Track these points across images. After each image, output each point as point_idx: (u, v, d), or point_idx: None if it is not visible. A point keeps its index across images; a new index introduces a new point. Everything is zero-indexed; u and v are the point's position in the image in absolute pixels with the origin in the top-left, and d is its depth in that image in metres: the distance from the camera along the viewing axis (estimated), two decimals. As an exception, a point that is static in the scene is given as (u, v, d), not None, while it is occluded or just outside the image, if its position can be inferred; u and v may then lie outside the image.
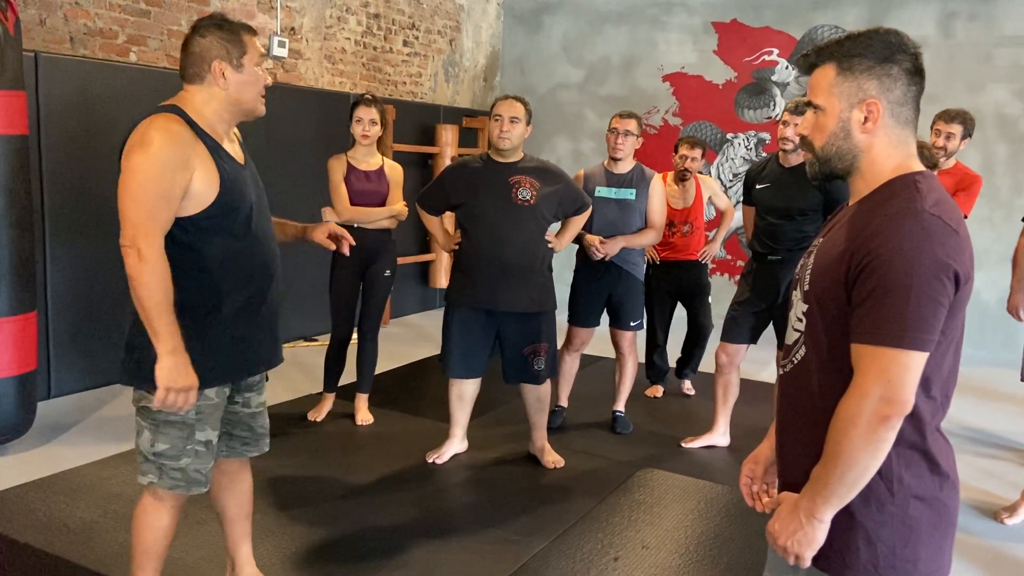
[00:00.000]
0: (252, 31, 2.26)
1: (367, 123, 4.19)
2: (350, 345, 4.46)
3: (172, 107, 2.17)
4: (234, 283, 2.23)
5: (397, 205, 4.33)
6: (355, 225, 4.24)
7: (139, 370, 2.19)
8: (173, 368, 2.09)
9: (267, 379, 2.59)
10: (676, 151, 4.95)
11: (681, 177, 4.92)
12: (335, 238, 2.62)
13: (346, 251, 2.63)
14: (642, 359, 5.42)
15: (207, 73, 2.19)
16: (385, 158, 4.40)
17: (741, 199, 4.39)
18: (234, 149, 2.29)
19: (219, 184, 2.15)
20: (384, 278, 4.39)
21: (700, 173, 5.04)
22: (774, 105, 7.40)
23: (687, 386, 5.35)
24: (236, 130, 2.38)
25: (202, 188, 2.13)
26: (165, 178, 2.06)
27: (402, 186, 4.39)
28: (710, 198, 5.10)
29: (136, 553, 2.36)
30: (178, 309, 2.13)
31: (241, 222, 2.22)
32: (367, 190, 4.25)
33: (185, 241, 2.15)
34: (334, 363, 4.47)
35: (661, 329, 5.19)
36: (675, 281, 5.03)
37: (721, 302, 5.25)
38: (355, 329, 4.43)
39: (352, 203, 4.21)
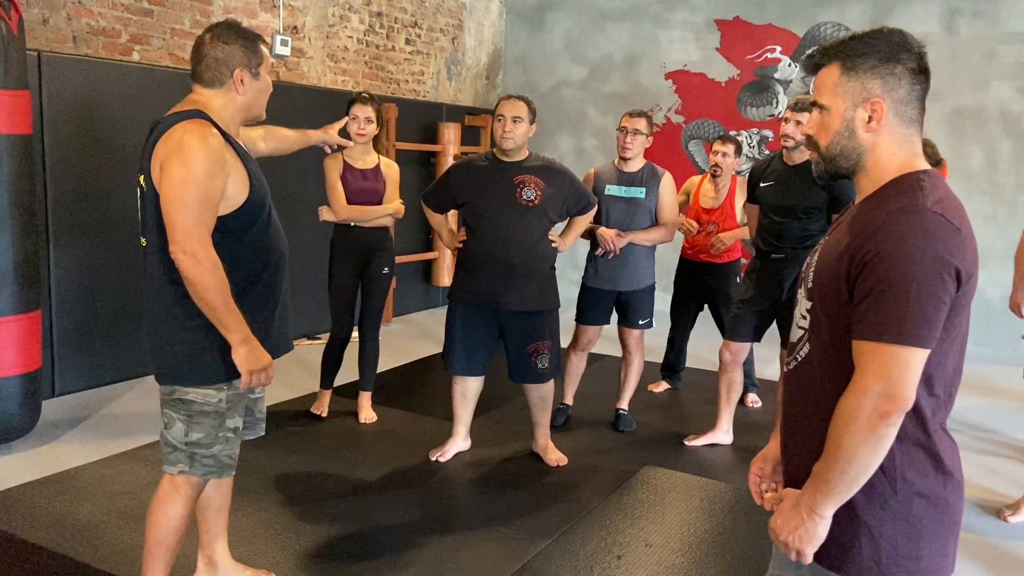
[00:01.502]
0: (263, 39, 2.40)
1: (363, 121, 4.16)
2: (349, 343, 4.46)
3: (197, 112, 2.26)
4: (261, 273, 2.36)
5: (394, 203, 4.32)
6: (353, 224, 4.24)
7: (178, 365, 2.30)
8: (249, 353, 2.25)
9: None
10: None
11: (712, 174, 4.87)
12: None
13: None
14: (658, 358, 5.42)
15: (228, 79, 2.31)
16: (381, 156, 4.39)
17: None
18: (247, 148, 2.45)
19: (249, 184, 2.28)
20: (383, 276, 4.38)
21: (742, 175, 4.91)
22: (777, 103, 7.39)
23: (752, 399, 5.04)
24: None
25: (236, 190, 2.25)
26: (207, 183, 2.17)
27: (399, 184, 4.38)
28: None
29: (149, 543, 2.42)
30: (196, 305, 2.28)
31: (265, 215, 2.35)
32: (364, 188, 4.24)
33: (220, 239, 2.24)
34: (332, 361, 4.46)
35: (681, 329, 5.14)
36: (698, 282, 4.94)
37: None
38: (352, 329, 4.43)
39: (349, 202, 4.20)
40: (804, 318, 1.58)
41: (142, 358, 4.93)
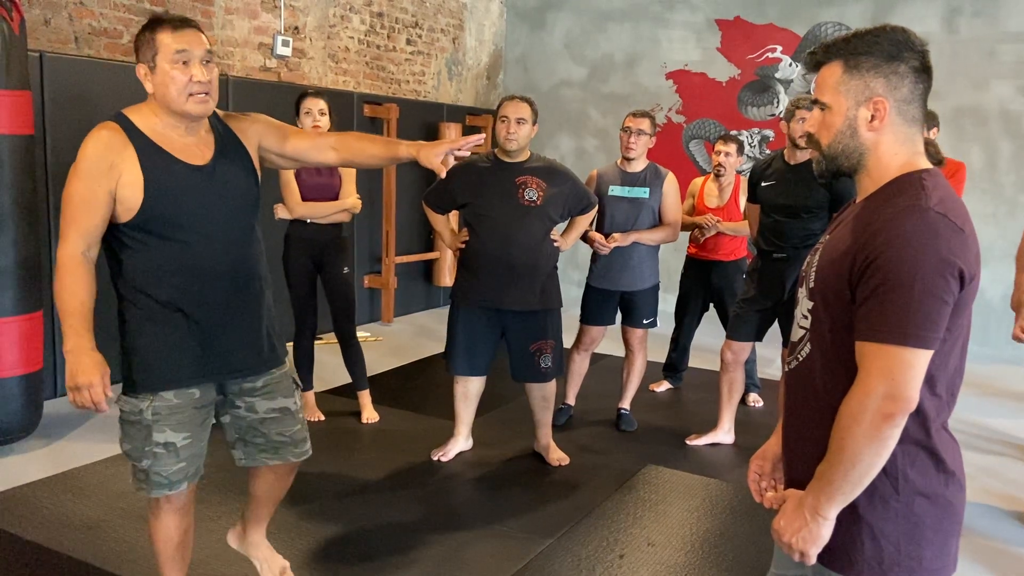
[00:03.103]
0: (176, 25, 2.13)
1: (316, 114, 4.09)
2: (321, 347, 4.39)
3: (115, 114, 2.19)
4: (175, 285, 2.19)
5: (350, 199, 4.26)
6: (308, 220, 4.19)
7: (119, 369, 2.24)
8: (69, 366, 2.09)
9: (298, 386, 2.46)
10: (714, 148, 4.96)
11: (716, 174, 4.90)
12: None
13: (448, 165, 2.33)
14: (661, 358, 5.42)
15: (139, 78, 2.17)
16: None
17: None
18: (193, 152, 2.21)
19: (143, 190, 2.12)
20: (343, 275, 4.30)
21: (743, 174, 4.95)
22: (777, 102, 7.39)
23: (753, 398, 5.03)
24: (218, 128, 2.28)
25: (128, 194, 2.12)
26: (85, 186, 2.09)
27: (355, 179, 4.31)
28: None
29: (156, 555, 2.42)
30: (125, 311, 2.21)
31: (179, 225, 2.16)
32: (318, 184, 4.16)
33: (125, 244, 2.17)
34: (305, 360, 4.37)
35: (687, 329, 5.15)
36: (705, 281, 4.96)
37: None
38: (318, 322, 4.37)
39: (304, 198, 4.13)
40: (805, 318, 1.58)
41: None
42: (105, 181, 2.09)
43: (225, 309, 2.26)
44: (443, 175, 2.33)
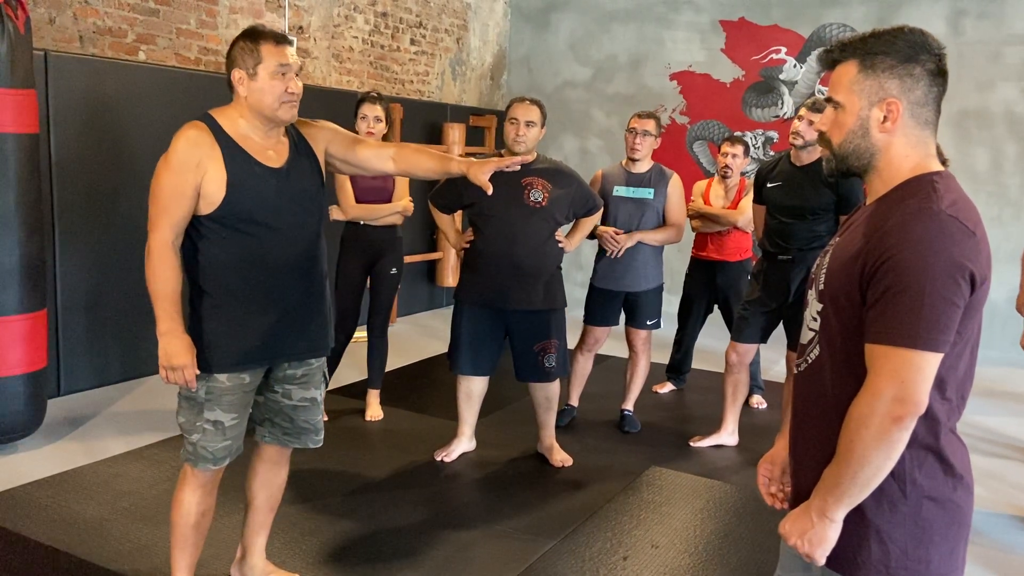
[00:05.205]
0: (278, 40, 2.33)
1: (372, 120, 4.16)
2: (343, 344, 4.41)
3: (203, 115, 2.35)
4: (248, 277, 2.36)
5: (403, 201, 4.32)
6: (362, 223, 4.24)
7: None
8: (164, 348, 2.29)
9: (326, 380, 2.65)
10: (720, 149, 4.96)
11: (722, 175, 4.90)
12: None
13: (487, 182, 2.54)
14: (665, 359, 5.41)
15: (233, 82, 2.36)
16: None
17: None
18: (271, 154, 2.38)
19: (226, 187, 2.29)
20: (391, 276, 4.39)
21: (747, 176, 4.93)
22: (782, 104, 7.38)
23: (757, 400, 5.04)
24: (292, 134, 2.46)
25: (211, 189, 2.28)
26: (176, 179, 2.26)
27: (408, 182, 4.38)
28: None
29: (171, 530, 2.52)
30: (196, 297, 2.37)
31: (255, 221, 2.33)
32: (373, 187, 4.23)
33: (203, 235, 2.33)
34: (331, 360, 4.37)
35: (691, 330, 5.14)
36: (709, 282, 4.95)
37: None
38: (356, 327, 4.42)
39: (358, 200, 4.20)
40: (815, 320, 1.57)
41: (147, 356, 4.93)
42: (192, 176, 2.26)
43: (288, 299, 2.43)
44: (490, 191, 2.52)
